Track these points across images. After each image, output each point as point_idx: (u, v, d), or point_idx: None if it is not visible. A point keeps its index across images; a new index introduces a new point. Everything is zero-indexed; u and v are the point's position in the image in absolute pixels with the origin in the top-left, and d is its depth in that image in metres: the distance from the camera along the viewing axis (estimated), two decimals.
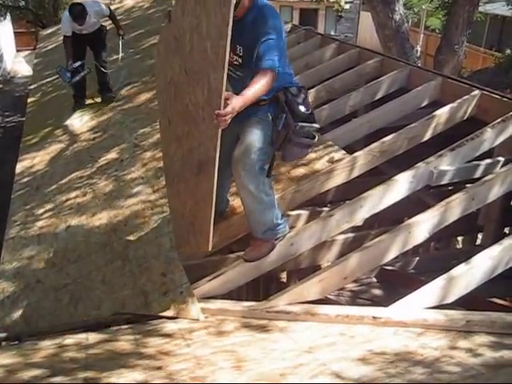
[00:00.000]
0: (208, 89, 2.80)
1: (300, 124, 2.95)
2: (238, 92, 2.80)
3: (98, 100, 6.96)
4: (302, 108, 3.01)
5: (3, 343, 2.95)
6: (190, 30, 2.95)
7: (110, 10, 6.80)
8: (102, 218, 4.23)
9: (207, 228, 3.01)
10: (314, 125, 3.06)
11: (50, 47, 10.68)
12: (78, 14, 6.24)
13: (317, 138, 3.13)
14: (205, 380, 2.22)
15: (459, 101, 4.27)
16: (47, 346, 2.77)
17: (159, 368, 2.36)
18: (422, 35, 18.77)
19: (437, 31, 17.80)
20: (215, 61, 2.70)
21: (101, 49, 6.96)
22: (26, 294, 3.63)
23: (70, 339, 2.86)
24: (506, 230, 5.64)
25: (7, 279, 3.80)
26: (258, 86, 2.78)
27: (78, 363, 2.51)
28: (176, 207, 3.51)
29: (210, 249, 3.12)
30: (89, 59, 6.86)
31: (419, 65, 8.40)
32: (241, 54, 3.00)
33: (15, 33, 22.11)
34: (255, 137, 2.97)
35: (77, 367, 2.46)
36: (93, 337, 2.88)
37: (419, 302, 2.91)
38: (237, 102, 2.69)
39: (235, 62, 3.03)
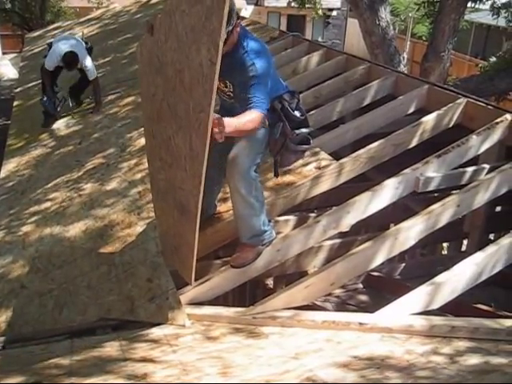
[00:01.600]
0: (190, 147, 2.71)
1: (297, 131, 2.98)
2: (229, 114, 2.79)
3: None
4: (297, 113, 3.03)
5: None
6: (173, 67, 2.81)
7: (95, 79, 6.68)
8: (87, 223, 4.20)
9: (190, 263, 2.98)
10: (308, 129, 3.08)
11: (36, 50, 10.61)
12: (71, 61, 6.33)
13: (311, 142, 3.16)
14: None
15: (445, 108, 4.31)
16: (31, 352, 2.74)
17: (145, 374, 2.34)
18: (408, 42, 18.95)
19: (423, 39, 18.00)
20: (197, 127, 2.59)
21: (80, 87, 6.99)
22: (9, 299, 3.58)
23: (54, 345, 2.83)
24: (491, 237, 5.69)
25: None
26: (247, 122, 2.78)
27: (62, 369, 2.48)
28: (161, 218, 3.50)
29: (192, 283, 3.11)
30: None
31: (405, 72, 8.47)
32: (231, 90, 3.01)
33: (1, 35, 22.00)
34: (250, 141, 2.98)
35: (61, 374, 2.43)
36: (78, 343, 2.86)
37: (405, 309, 2.93)
38: (227, 128, 2.63)
39: (227, 93, 3.05)
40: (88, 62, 6.49)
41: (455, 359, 2.38)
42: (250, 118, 2.79)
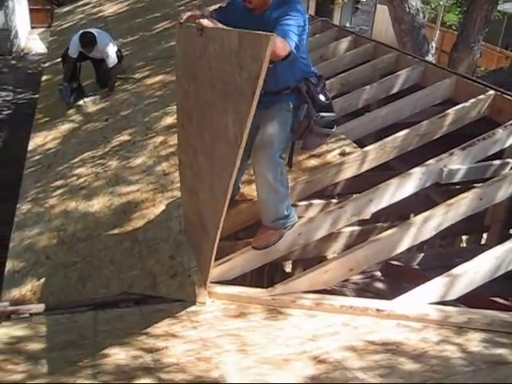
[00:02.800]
0: (211, 185, 2.73)
1: (321, 114, 3.00)
2: (268, 84, 2.68)
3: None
4: (321, 97, 3.05)
5: (13, 316, 3.01)
6: (204, 99, 2.75)
7: (114, 66, 6.62)
8: (112, 199, 4.28)
9: (206, 273, 3.00)
10: (332, 114, 3.10)
11: (65, 26, 10.69)
12: (87, 42, 6.34)
13: (335, 127, 3.18)
14: (210, 361, 2.27)
15: (473, 100, 4.28)
16: (57, 321, 2.83)
17: (165, 348, 2.42)
18: (438, 31, 18.65)
19: (453, 28, 17.70)
20: (222, 171, 2.55)
21: (103, 74, 6.93)
22: (35, 269, 3.68)
23: (78, 316, 2.92)
24: None
25: (17, 254, 3.86)
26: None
27: (87, 339, 2.57)
28: (185, 203, 3.55)
29: (206, 287, 3.10)
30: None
31: (433, 61, 8.39)
32: None
33: (30, 9, 22.12)
34: (277, 126, 3.01)
35: (86, 343, 2.52)
36: (101, 315, 2.95)
37: (422, 298, 2.96)
38: None
39: None
40: (110, 50, 6.51)
41: (470, 350, 2.41)
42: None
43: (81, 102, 6.55)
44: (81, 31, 6.50)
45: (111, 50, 6.53)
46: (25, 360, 2.30)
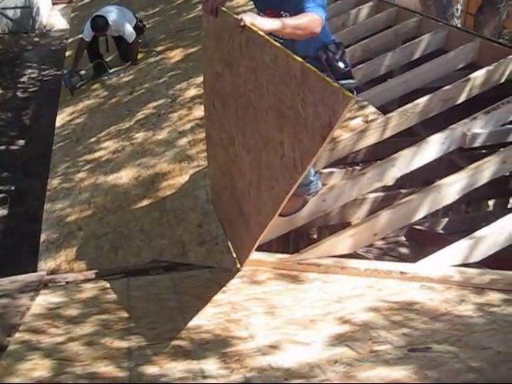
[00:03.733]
0: (256, 184, 2.68)
1: (340, 82, 3.02)
2: None
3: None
4: (341, 64, 3.07)
5: (50, 284, 3.15)
6: (246, 96, 2.64)
7: (134, 41, 6.66)
8: (139, 171, 4.38)
9: (248, 250, 2.96)
10: (353, 81, 3.12)
11: (86, 1, 10.75)
12: (98, 27, 6.37)
13: (355, 94, 3.20)
14: (239, 323, 2.37)
15: (496, 63, 4.24)
16: (92, 288, 2.96)
17: (197, 311, 2.52)
18: None
19: None
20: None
21: (124, 49, 6.94)
22: (68, 240, 3.81)
23: (111, 283, 3.05)
24: None
25: (51, 226, 4.00)
26: (301, 22, 2.61)
27: (121, 304, 2.69)
28: (215, 177, 3.60)
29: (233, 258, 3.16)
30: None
31: (459, 24, 8.24)
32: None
33: None
34: None
35: (120, 307, 2.64)
36: (133, 281, 3.06)
37: (445, 260, 3.00)
38: (266, 22, 2.49)
39: None
40: (125, 27, 6.53)
41: (491, 309, 2.46)
42: (307, 18, 2.60)
43: (105, 77, 6.64)
44: (94, 15, 6.50)
45: (127, 27, 6.56)
46: (64, 323, 2.43)
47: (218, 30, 2.94)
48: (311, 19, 2.62)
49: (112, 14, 6.52)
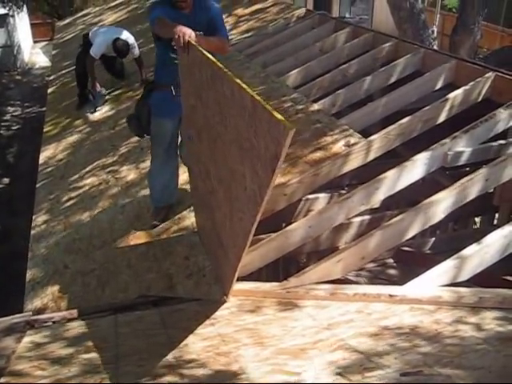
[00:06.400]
0: (230, 216, 2.68)
1: None
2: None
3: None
4: None
5: (36, 325, 3.09)
6: (214, 128, 2.68)
7: (139, 55, 6.91)
8: (125, 205, 4.36)
9: (228, 285, 3.00)
10: None
11: (67, 38, 10.83)
12: (125, 52, 6.55)
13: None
14: (229, 355, 2.34)
15: (473, 83, 4.31)
16: (79, 326, 2.91)
17: (185, 345, 2.48)
18: (438, 15, 18.52)
19: (454, 10, 17.60)
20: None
21: (119, 66, 7.24)
22: (54, 278, 3.77)
23: (99, 320, 3.00)
24: None
25: (36, 265, 3.96)
26: (218, 42, 3.42)
27: (108, 342, 2.65)
28: (198, 210, 3.62)
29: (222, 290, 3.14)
30: None
31: (435, 46, 8.40)
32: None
33: (31, 24, 22.31)
34: None
35: (108, 345, 2.60)
36: (121, 318, 3.02)
37: (434, 281, 3.00)
38: (199, 38, 3.08)
39: None
40: (134, 43, 6.75)
41: (483, 328, 2.45)
42: (222, 41, 3.51)
43: (88, 112, 6.68)
44: (114, 37, 6.53)
45: (135, 42, 6.75)
46: (51, 365, 2.37)
47: (191, 63, 2.99)
48: (221, 43, 3.50)
49: (124, 34, 6.64)
